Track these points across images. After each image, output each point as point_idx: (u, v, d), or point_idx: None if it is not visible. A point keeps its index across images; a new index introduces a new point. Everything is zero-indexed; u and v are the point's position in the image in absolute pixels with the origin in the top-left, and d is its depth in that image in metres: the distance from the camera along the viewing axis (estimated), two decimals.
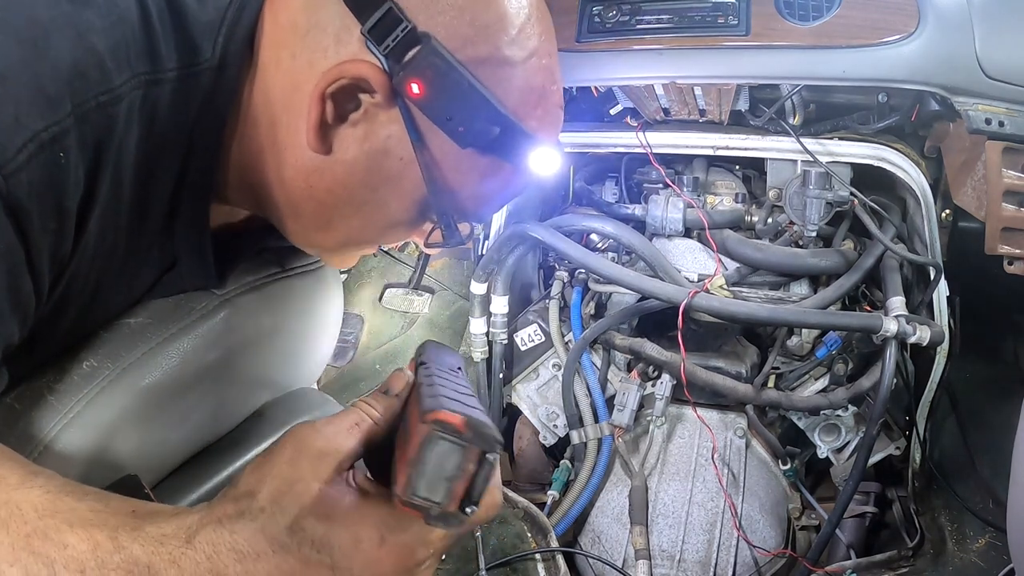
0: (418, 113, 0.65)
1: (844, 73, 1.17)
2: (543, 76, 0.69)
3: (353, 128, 0.66)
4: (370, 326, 1.83)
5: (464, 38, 0.63)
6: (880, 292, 1.35)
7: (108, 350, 0.73)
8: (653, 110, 1.38)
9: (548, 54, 0.70)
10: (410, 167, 0.67)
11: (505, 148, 0.67)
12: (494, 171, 0.69)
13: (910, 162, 1.27)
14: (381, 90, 0.63)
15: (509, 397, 1.57)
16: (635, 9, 1.26)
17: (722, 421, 1.42)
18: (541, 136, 0.69)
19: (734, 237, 1.38)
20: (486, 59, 0.64)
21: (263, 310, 0.83)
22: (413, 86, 0.62)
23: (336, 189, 0.69)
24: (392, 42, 0.61)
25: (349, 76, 0.63)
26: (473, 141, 0.65)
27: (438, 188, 0.68)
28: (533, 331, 1.54)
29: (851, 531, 1.36)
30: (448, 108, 0.63)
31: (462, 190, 0.70)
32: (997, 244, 1.19)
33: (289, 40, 0.65)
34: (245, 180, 0.72)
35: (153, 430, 0.75)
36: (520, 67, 0.66)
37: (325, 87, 0.63)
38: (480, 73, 0.64)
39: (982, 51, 1.11)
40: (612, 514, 1.36)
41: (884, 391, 1.20)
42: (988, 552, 1.27)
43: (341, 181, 0.68)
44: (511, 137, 0.66)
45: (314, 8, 0.65)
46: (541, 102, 0.69)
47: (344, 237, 0.75)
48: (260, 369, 0.84)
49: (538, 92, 0.68)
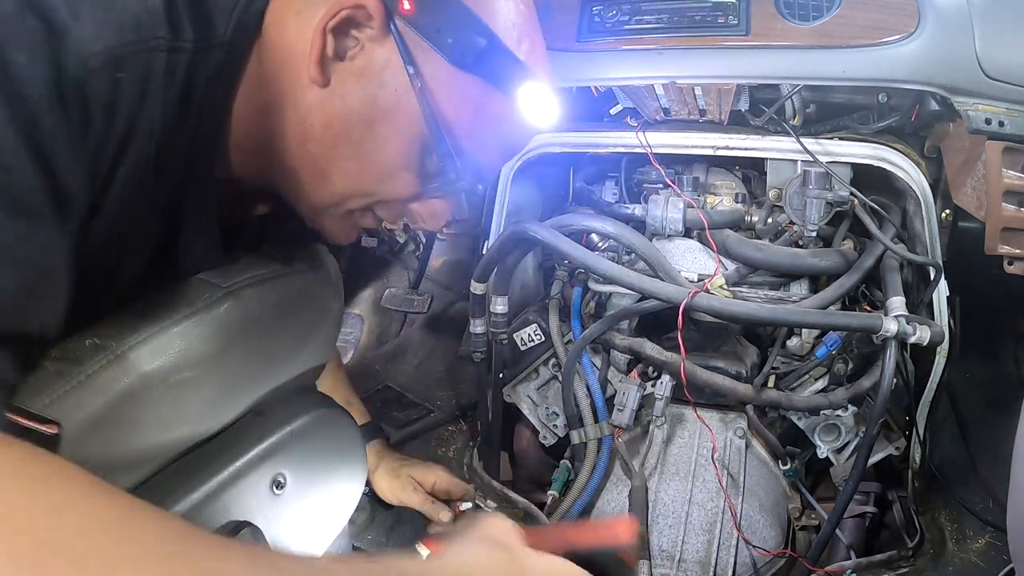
0: (410, 35, 0.69)
1: (844, 73, 1.17)
2: (525, 17, 0.74)
3: (351, 63, 0.70)
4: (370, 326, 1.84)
5: None
6: (880, 292, 1.35)
7: (111, 331, 0.73)
8: (653, 110, 1.38)
9: (526, 4, 0.74)
10: (405, 97, 0.70)
11: (493, 68, 0.70)
12: (487, 100, 0.72)
13: (910, 162, 1.27)
14: (376, 15, 0.68)
15: (509, 397, 1.57)
16: (635, 9, 1.26)
17: (722, 421, 1.42)
18: (531, 68, 0.73)
19: (734, 237, 1.38)
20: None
21: (266, 305, 0.83)
22: (404, 2, 0.67)
23: (334, 124, 0.71)
24: None
25: (348, 6, 0.67)
26: (462, 55, 0.69)
27: (433, 117, 0.71)
28: (533, 331, 1.53)
29: (851, 531, 1.36)
30: (436, 20, 0.68)
31: (456, 123, 0.72)
32: (997, 244, 1.19)
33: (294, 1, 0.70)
34: (248, 145, 0.74)
35: (151, 415, 0.75)
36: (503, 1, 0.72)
37: (327, 22, 0.67)
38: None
39: (982, 51, 1.11)
40: (612, 514, 1.36)
41: (884, 391, 1.20)
42: (988, 552, 1.27)
43: (338, 115, 0.71)
44: (498, 55, 0.70)
45: None
46: (525, 38, 0.73)
47: (343, 186, 0.76)
48: (260, 364, 0.84)
49: (521, 28, 0.73)
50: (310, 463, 0.90)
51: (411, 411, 1.70)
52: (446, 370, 1.80)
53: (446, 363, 1.81)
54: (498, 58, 0.70)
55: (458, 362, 1.79)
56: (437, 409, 1.72)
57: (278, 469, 0.86)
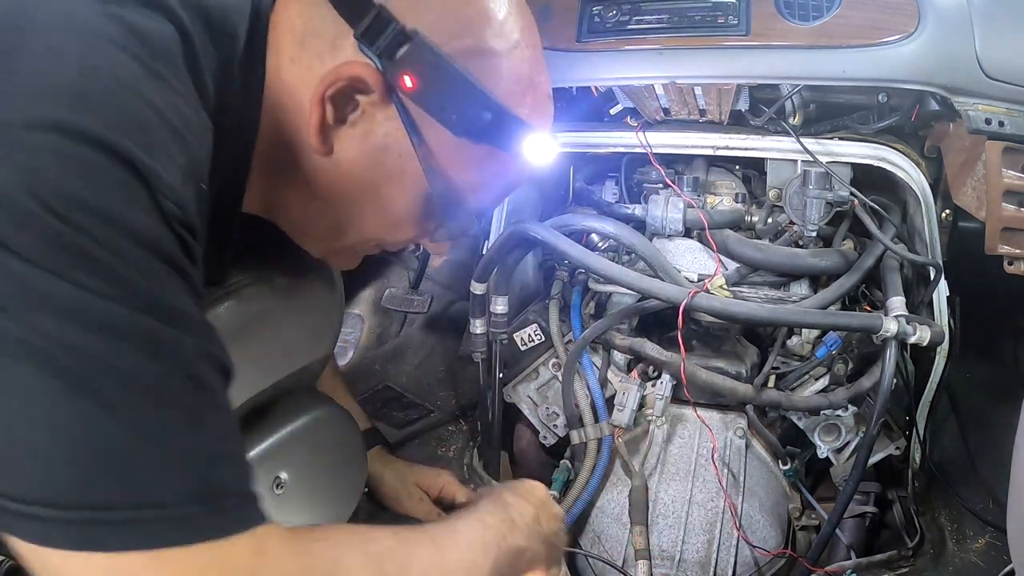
0: (413, 107, 0.68)
1: (844, 73, 1.17)
2: (529, 66, 0.72)
3: (352, 128, 0.69)
4: (370, 326, 1.84)
5: (450, 32, 0.67)
6: (880, 292, 1.35)
7: None
8: (653, 110, 1.38)
9: (531, 45, 0.72)
10: (410, 161, 0.70)
11: (499, 135, 0.70)
12: (491, 160, 0.72)
13: (910, 162, 1.27)
14: (376, 88, 0.66)
15: (509, 397, 1.57)
16: (635, 9, 1.26)
17: (722, 421, 1.42)
18: (534, 123, 0.72)
19: (734, 237, 1.38)
20: (472, 50, 0.68)
21: (266, 304, 0.83)
22: (406, 79, 0.65)
23: (341, 188, 0.72)
24: (383, 42, 0.65)
25: (346, 77, 0.66)
26: (467, 128, 0.68)
27: (437, 179, 0.71)
28: (533, 331, 1.53)
29: (851, 531, 1.36)
30: (440, 98, 0.67)
31: (461, 180, 0.72)
32: (997, 244, 1.19)
33: (288, 46, 0.69)
34: (257, 190, 0.74)
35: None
36: (506, 57, 0.69)
37: (324, 90, 0.66)
38: (468, 64, 0.67)
39: (982, 51, 1.11)
40: (612, 514, 1.36)
41: (884, 391, 1.20)
42: (988, 552, 1.27)
43: (345, 180, 0.71)
44: (504, 123, 0.69)
45: (309, 15, 0.68)
46: (530, 90, 0.72)
47: (353, 237, 0.78)
48: (261, 364, 0.84)
49: (526, 81, 0.71)
50: (310, 463, 0.90)
51: (411, 411, 1.70)
52: (446, 370, 1.80)
53: (446, 363, 1.81)
54: (503, 125, 0.69)
55: (458, 362, 1.79)
56: (437, 409, 1.72)
57: (278, 469, 0.86)
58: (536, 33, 0.74)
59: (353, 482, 1.00)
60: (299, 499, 0.87)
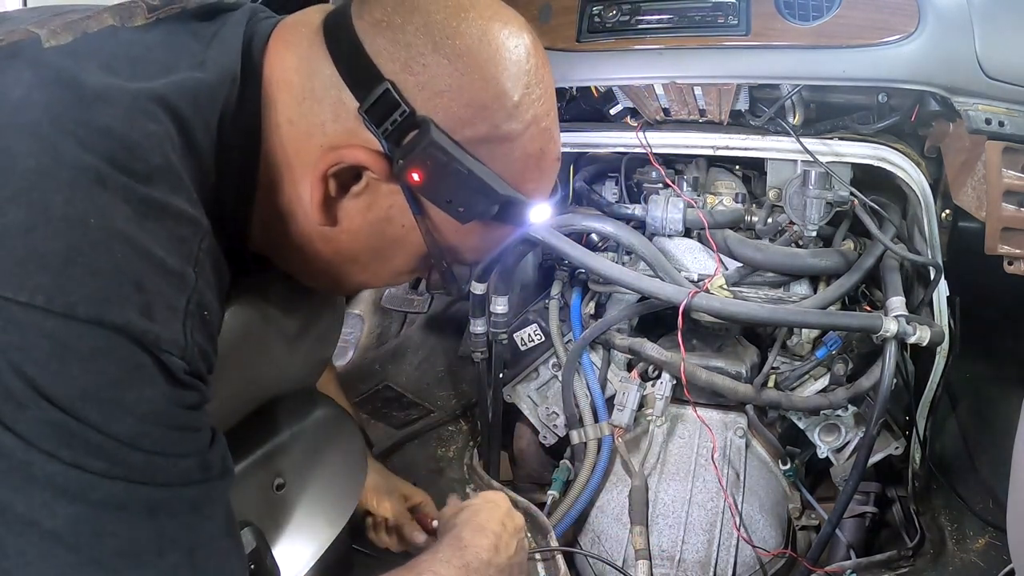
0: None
1: (844, 73, 1.17)
2: (542, 140, 0.69)
3: (356, 200, 0.67)
4: (370, 326, 1.83)
5: (462, 120, 0.63)
6: (880, 292, 1.35)
7: None
8: (653, 110, 1.38)
9: (547, 113, 0.69)
10: (412, 232, 0.69)
11: (504, 217, 0.68)
12: (492, 231, 0.72)
13: (910, 162, 1.27)
14: (380, 173, 0.64)
15: (509, 397, 1.57)
16: (635, 9, 1.26)
17: (722, 421, 1.42)
18: (538, 196, 0.71)
19: (734, 237, 1.38)
20: (484, 138, 0.65)
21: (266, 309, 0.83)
22: (413, 175, 0.63)
23: (342, 253, 0.72)
24: (391, 125, 0.62)
25: (349, 162, 0.64)
26: (473, 218, 0.67)
27: (439, 248, 0.70)
28: (533, 331, 1.54)
29: (851, 531, 1.36)
30: (447, 193, 0.65)
31: (462, 247, 0.72)
32: (997, 244, 1.19)
33: (286, 104, 0.66)
34: (256, 235, 0.73)
35: None
36: (519, 139, 0.66)
37: (326, 169, 0.64)
38: (479, 152, 0.64)
39: (982, 51, 1.11)
40: (612, 514, 1.36)
41: (884, 391, 1.20)
42: (988, 552, 1.27)
43: (346, 247, 0.71)
44: (511, 207, 0.68)
45: (308, 72, 0.65)
46: (539, 164, 0.70)
47: (352, 287, 0.80)
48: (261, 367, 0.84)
49: (536, 156, 0.69)
50: (310, 464, 0.90)
51: (411, 411, 1.70)
52: (446, 370, 1.80)
53: (446, 363, 1.81)
54: (510, 209, 0.68)
55: (458, 362, 1.79)
56: (437, 409, 1.72)
57: (278, 469, 0.86)
58: (552, 92, 0.70)
59: (353, 482, 1.00)
60: (299, 499, 0.87)
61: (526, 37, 0.67)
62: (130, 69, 0.60)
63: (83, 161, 0.53)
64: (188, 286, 0.57)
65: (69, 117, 0.55)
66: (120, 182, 0.54)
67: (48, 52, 0.60)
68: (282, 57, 0.66)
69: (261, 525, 0.80)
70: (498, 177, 0.66)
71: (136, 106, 0.58)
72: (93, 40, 0.62)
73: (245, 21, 0.68)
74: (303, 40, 0.66)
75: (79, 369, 0.50)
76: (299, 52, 0.66)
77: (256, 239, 0.73)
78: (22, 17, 0.66)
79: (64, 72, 0.57)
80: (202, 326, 0.58)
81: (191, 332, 0.56)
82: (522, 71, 0.66)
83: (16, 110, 0.55)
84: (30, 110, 0.55)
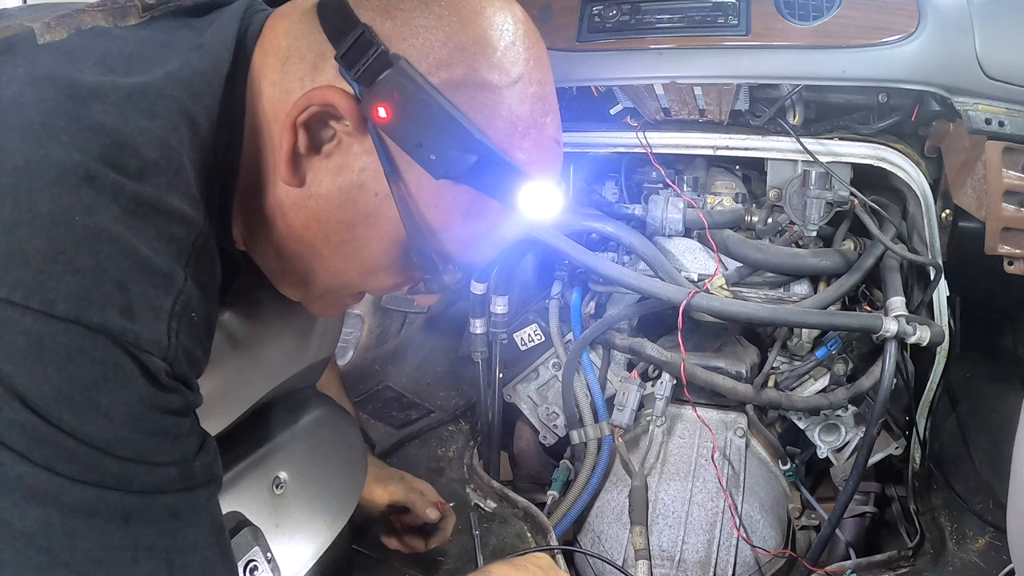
0: (391, 143, 0.62)
1: (844, 73, 1.17)
2: (531, 105, 0.64)
3: (327, 160, 0.64)
4: (370, 326, 1.83)
5: (438, 60, 0.61)
6: (880, 292, 1.35)
7: None
8: (653, 110, 1.38)
9: (538, 82, 0.65)
10: (386, 202, 0.64)
11: (486, 180, 0.63)
12: (479, 209, 0.65)
13: (910, 162, 1.27)
14: (350, 116, 0.61)
15: (509, 397, 1.57)
16: (635, 9, 1.26)
17: (722, 421, 1.42)
18: (531, 170, 0.65)
19: (734, 237, 1.38)
20: (462, 82, 0.61)
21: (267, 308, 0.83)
22: (380, 110, 0.60)
23: (312, 225, 0.66)
24: (363, 66, 0.60)
25: (317, 103, 0.61)
26: (447, 170, 0.62)
27: (415, 225, 0.64)
28: (533, 331, 1.54)
29: (851, 531, 1.36)
30: (417, 133, 0.60)
31: (443, 229, 0.66)
32: (997, 244, 1.19)
33: (271, 68, 0.64)
34: (239, 224, 0.70)
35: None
36: (503, 92, 0.62)
37: (296, 116, 0.61)
38: (456, 98, 0.61)
39: (982, 51, 1.11)
40: (612, 514, 1.36)
41: (884, 391, 1.20)
42: (988, 552, 1.27)
43: (316, 216, 0.66)
44: (493, 168, 0.62)
45: (295, 34, 0.64)
46: (529, 132, 0.64)
47: (326, 282, 0.73)
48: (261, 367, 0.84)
49: (526, 121, 0.64)
50: (310, 463, 0.90)
51: (411, 411, 1.70)
52: (446, 370, 1.80)
53: (446, 363, 1.81)
54: (491, 169, 0.62)
55: (458, 362, 1.79)
56: (437, 409, 1.72)
57: (278, 469, 0.86)
58: (546, 66, 0.67)
59: (353, 482, 1.00)
60: (299, 499, 0.87)
61: (517, 10, 0.66)
62: (125, 65, 0.60)
63: (72, 159, 0.52)
64: (175, 287, 0.55)
65: (62, 115, 0.54)
66: (110, 180, 0.53)
67: (42, 49, 0.60)
68: (274, 27, 0.66)
69: (261, 525, 0.80)
70: (476, 127, 0.61)
71: (131, 101, 0.57)
72: (88, 37, 0.62)
73: (241, 12, 0.67)
74: (296, 11, 0.66)
75: (54, 368, 0.49)
76: (290, 20, 0.66)
77: (239, 234, 0.70)
78: (21, 15, 0.66)
79: (58, 70, 0.57)
80: (190, 328, 0.57)
81: (176, 334, 0.55)
82: (507, 27, 0.64)
83: (8, 108, 0.54)
84: (23, 108, 0.54)
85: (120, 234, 0.52)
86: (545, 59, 0.67)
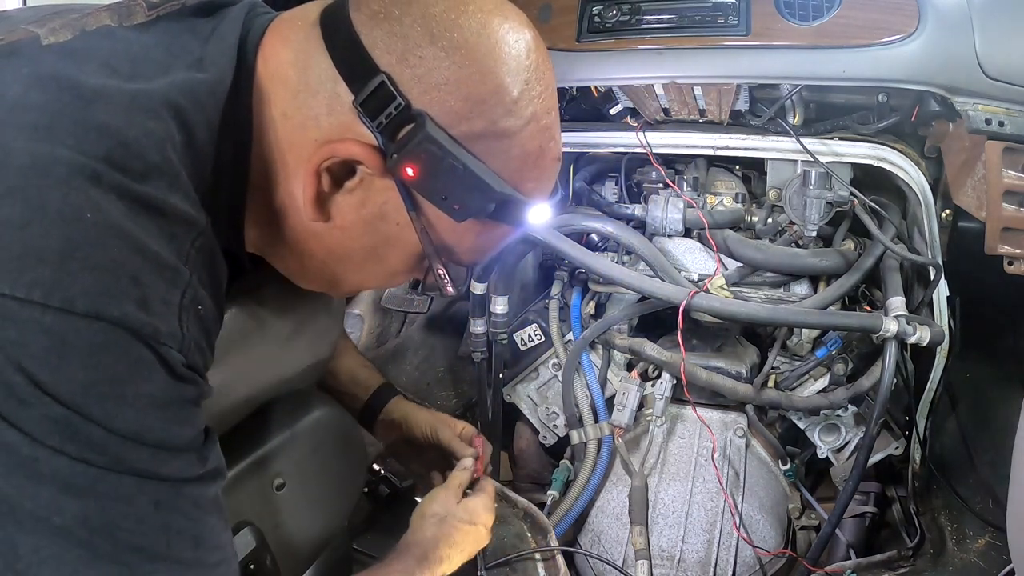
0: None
1: (844, 73, 1.17)
2: (541, 138, 0.67)
3: (349, 195, 0.66)
4: (370, 326, 1.83)
5: (459, 114, 0.62)
6: (880, 292, 1.35)
7: None
8: (653, 110, 1.38)
9: (547, 111, 0.67)
10: (407, 229, 0.67)
11: (501, 216, 0.67)
12: (489, 230, 0.70)
13: (910, 162, 1.27)
14: (374, 168, 0.63)
15: (509, 397, 1.57)
16: (635, 9, 1.26)
17: (722, 421, 1.42)
18: (536, 197, 0.69)
19: (734, 237, 1.38)
20: (481, 134, 0.63)
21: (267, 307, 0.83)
22: (408, 170, 0.62)
23: (336, 251, 0.70)
24: (385, 119, 0.61)
25: (342, 156, 0.63)
26: (468, 215, 0.65)
27: (435, 248, 0.69)
28: (533, 331, 1.54)
29: (851, 531, 1.36)
30: (443, 189, 0.63)
31: (458, 248, 0.71)
32: (997, 244, 1.19)
33: (281, 98, 0.65)
34: (251, 236, 0.72)
35: None
36: (517, 136, 0.65)
37: (319, 163, 0.63)
38: (475, 148, 0.63)
39: (982, 51, 1.11)
40: (612, 514, 1.36)
41: (884, 391, 1.20)
42: (988, 552, 1.27)
43: (340, 244, 0.69)
44: (507, 206, 0.66)
45: (303, 65, 0.64)
46: (538, 163, 0.68)
47: (348, 289, 0.79)
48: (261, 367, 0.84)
49: (535, 155, 0.67)
50: (310, 463, 0.90)
51: None
52: (446, 370, 1.80)
53: (446, 363, 1.81)
54: (507, 208, 0.66)
55: (458, 362, 1.79)
56: (437, 409, 1.71)
57: (278, 470, 0.86)
58: (553, 90, 0.69)
59: (353, 482, 1.00)
60: (299, 499, 0.87)
61: (527, 33, 0.66)
62: (129, 68, 0.60)
63: (78, 159, 0.53)
64: (183, 281, 0.57)
65: (66, 116, 0.55)
66: (115, 179, 0.54)
67: (47, 51, 0.60)
68: (277, 51, 0.65)
69: (261, 525, 0.80)
70: (495, 175, 0.64)
71: (135, 105, 0.58)
72: (92, 39, 0.62)
73: (243, 16, 0.67)
74: (299, 33, 0.66)
75: (79, 364, 0.50)
76: (295, 46, 0.65)
77: (251, 239, 0.72)
78: (22, 16, 0.66)
79: (62, 72, 0.57)
80: (197, 321, 0.58)
81: (187, 326, 0.56)
82: (522, 66, 0.65)
83: (13, 109, 0.55)
84: (28, 109, 0.55)
85: (130, 230, 0.53)
86: (553, 83, 0.69)
